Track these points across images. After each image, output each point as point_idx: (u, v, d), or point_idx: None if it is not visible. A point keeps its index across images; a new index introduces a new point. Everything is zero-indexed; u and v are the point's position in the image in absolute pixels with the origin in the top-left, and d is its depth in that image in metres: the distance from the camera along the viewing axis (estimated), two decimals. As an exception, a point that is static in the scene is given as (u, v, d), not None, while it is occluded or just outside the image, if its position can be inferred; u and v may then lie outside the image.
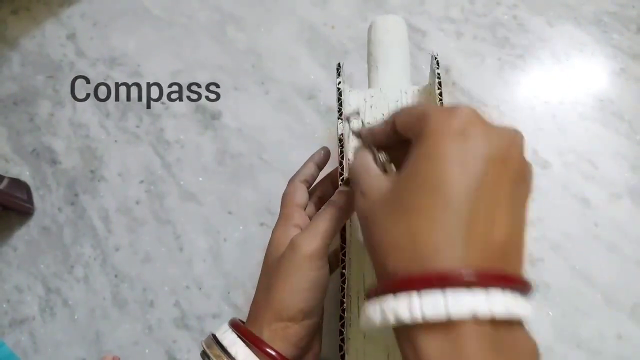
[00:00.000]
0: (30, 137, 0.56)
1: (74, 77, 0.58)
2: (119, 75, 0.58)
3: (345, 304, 0.29)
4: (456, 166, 0.20)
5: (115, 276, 0.48)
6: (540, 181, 0.47)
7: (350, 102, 0.36)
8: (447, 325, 0.19)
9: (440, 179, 0.20)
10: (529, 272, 0.47)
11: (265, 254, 0.32)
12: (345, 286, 0.30)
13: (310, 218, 0.34)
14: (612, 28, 0.54)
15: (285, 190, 0.35)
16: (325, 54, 0.56)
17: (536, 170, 0.49)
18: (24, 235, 0.51)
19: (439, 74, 0.34)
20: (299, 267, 0.28)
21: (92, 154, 0.54)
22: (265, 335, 0.28)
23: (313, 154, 0.37)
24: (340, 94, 0.35)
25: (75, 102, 0.57)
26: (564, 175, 0.47)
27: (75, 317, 0.47)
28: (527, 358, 0.20)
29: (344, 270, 0.30)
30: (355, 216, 0.31)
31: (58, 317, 0.47)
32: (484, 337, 0.18)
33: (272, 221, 0.48)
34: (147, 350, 0.45)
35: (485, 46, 0.54)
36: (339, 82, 0.35)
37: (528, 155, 0.22)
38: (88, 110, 0.56)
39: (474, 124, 0.21)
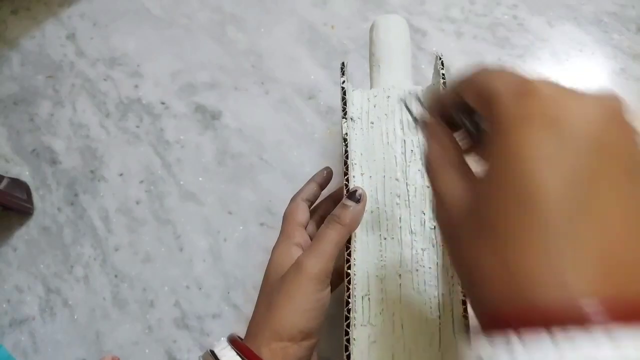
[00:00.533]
0: (30, 137, 0.56)
1: (74, 77, 0.58)
2: (119, 75, 0.58)
3: (350, 304, 0.29)
4: (546, 167, 0.15)
5: (115, 276, 0.48)
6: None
7: (354, 102, 0.36)
8: None
9: (529, 187, 0.16)
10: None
11: (266, 272, 0.32)
12: (351, 286, 0.29)
13: (311, 237, 0.34)
14: (612, 28, 0.54)
15: (287, 209, 0.35)
16: (326, 54, 0.56)
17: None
18: (24, 235, 0.51)
19: (443, 74, 0.34)
20: (303, 288, 0.28)
21: (92, 154, 0.54)
22: (264, 354, 0.27)
23: (315, 174, 0.37)
24: (344, 93, 0.35)
25: (75, 102, 0.57)
26: (564, 175, 0.47)
27: (75, 317, 0.47)
28: None
29: (349, 270, 0.30)
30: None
31: (58, 317, 0.47)
32: None
33: (272, 221, 0.48)
34: (147, 350, 0.45)
35: (486, 46, 0.54)
36: (343, 81, 0.35)
37: None
38: (88, 110, 0.56)
39: (558, 105, 0.16)
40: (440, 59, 0.35)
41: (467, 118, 0.21)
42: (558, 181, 0.15)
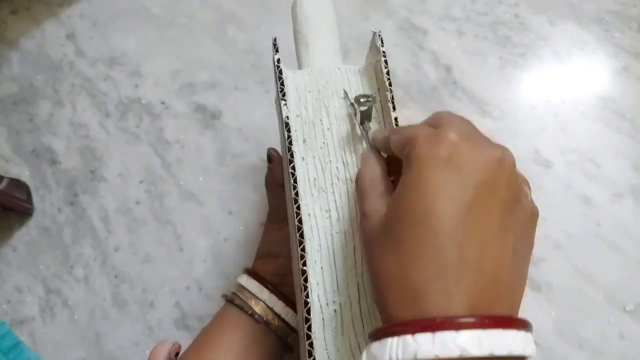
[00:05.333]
0: (30, 137, 0.56)
1: (73, 77, 0.58)
2: (118, 75, 0.58)
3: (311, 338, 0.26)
4: (441, 196, 0.20)
5: (115, 276, 0.48)
6: (542, 181, 0.47)
7: (288, 83, 0.33)
8: None
9: (425, 210, 0.20)
10: (531, 271, 0.47)
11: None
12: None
13: None
14: (614, 27, 0.54)
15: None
16: (326, 54, 0.55)
17: (538, 170, 0.49)
18: (24, 235, 0.51)
19: (384, 52, 0.32)
20: (266, 228, 0.41)
21: (92, 154, 0.54)
22: (256, 266, 0.39)
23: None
24: (280, 72, 0.32)
25: (75, 102, 0.57)
26: (566, 175, 0.47)
27: (75, 318, 0.47)
28: None
29: (307, 299, 0.27)
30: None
31: (58, 318, 0.47)
32: None
33: (272, 221, 0.48)
34: (147, 351, 0.45)
35: (487, 45, 0.54)
36: (278, 60, 0.32)
37: (529, 156, 0.22)
38: (88, 110, 0.56)
39: (459, 149, 0.21)
40: (379, 35, 0.33)
41: None
42: (448, 206, 0.20)
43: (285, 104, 0.31)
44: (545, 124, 0.49)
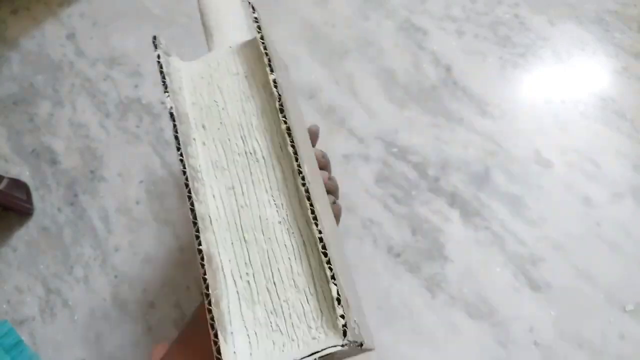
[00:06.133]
0: (30, 137, 0.56)
1: (73, 77, 0.58)
2: (118, 75, 0.58)
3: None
4: None
5: (115, 276, 0.48)
6: (542, 181, 0.47)
7: (182, 75, 0.34)
8: None
9: None
10: (531, 271, 0.46)
11: None
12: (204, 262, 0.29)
13: None
14: (614, 27, 0.53)
15: None
16: (326, 54, 0.55)
17: (538, 170, 0.49)
18: (24, 235, 0.51)
19: (259, 26, 0.32)
20: None
21: (92, 154, 0.54)
22: None
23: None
24: (161, 66, 0.33)
25: (75, 102, 0.57)
26: (566, 175, 0.47)
27: (75, 318, 0.47)
28: None
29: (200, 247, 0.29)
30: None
31: (58, 318, 0.47)
32: None
33: (272, 221, 0.48)
34: (147, 351, 0.45)
35: (487, 45, 0.54)
36: (158, 55, 0.34)
37: (529, 156, 0.22)
38: (88, 110, 0.56)
39: None
40: (249, 3, 0.33)
41: None
42: None
43: (169, 96, 0.32)
44: (545, 124, 0.49)
